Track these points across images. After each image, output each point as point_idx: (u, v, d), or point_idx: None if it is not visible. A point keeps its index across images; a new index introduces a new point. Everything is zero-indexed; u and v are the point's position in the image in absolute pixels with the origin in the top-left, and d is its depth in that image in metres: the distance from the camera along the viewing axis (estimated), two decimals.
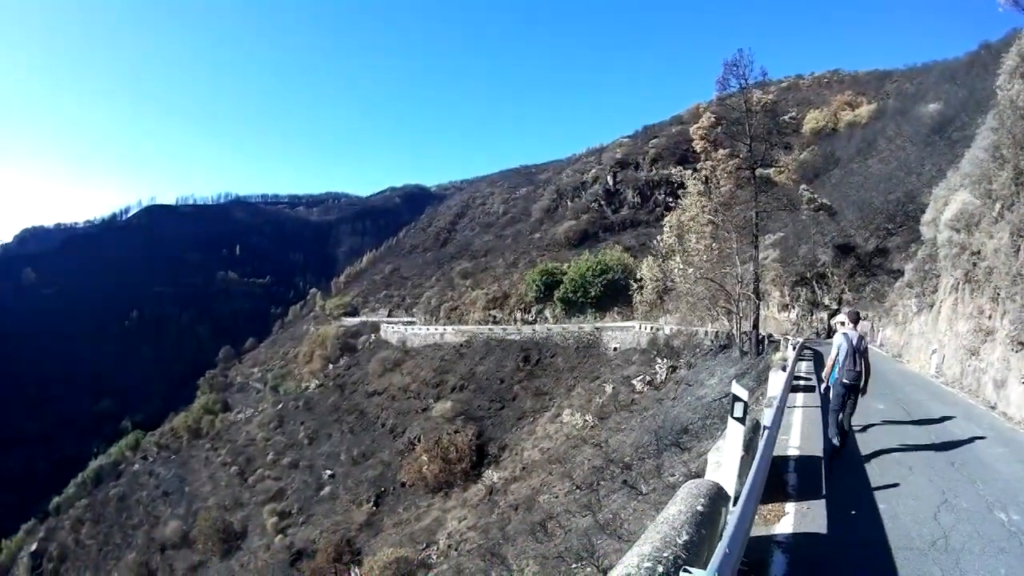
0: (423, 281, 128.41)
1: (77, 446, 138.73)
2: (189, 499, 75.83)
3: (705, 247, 37.58)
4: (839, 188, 63.46)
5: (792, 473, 10.97)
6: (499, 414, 57.63)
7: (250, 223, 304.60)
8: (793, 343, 29.47)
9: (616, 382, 49.09)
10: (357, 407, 75.67)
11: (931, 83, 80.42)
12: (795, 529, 8.48)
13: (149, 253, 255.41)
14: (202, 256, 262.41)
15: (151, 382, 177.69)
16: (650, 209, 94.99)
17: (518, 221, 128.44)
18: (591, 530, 15.56)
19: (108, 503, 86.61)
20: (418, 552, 36.15)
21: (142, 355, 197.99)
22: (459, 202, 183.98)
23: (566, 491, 27.99)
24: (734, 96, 36.42)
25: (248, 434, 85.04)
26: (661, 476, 17.93)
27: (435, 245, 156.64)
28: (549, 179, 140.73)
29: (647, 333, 55.30)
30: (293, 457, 71.87)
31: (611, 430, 35.41)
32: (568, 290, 73.41)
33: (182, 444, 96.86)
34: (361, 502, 53.70)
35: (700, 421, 23.60)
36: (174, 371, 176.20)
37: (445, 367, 72.18)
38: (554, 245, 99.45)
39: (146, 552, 69.35)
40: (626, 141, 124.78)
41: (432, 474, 49.18)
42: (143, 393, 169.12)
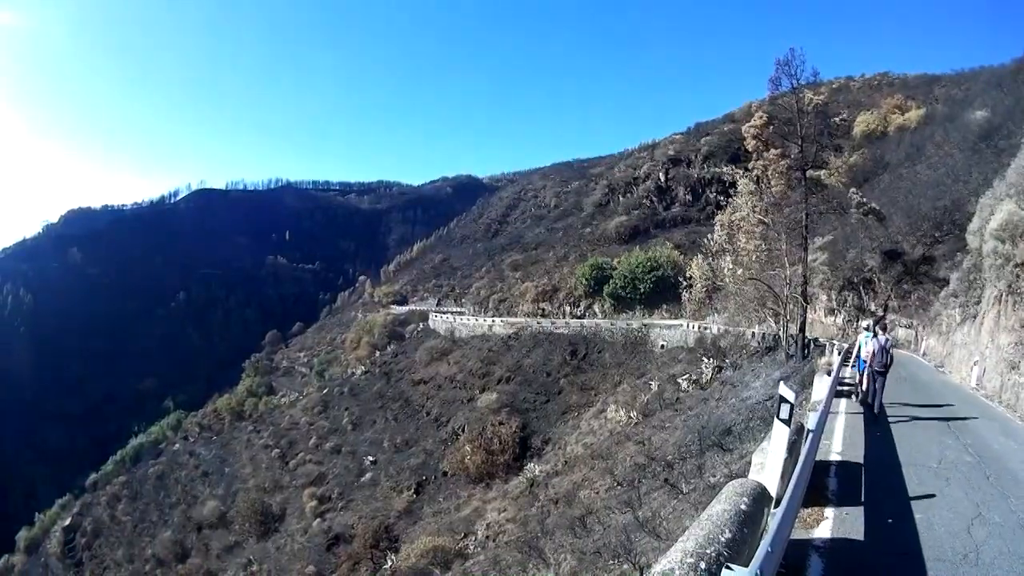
0: (473, 272, 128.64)
1: (117, 424, 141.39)
2: (228, 480, 77.00)
3: (755, 247, 37.23)
4: (888, 193, 62.33)
5: (832, 478, 11.08)
6: (544, 407, 57.58)
7: (300, 209, 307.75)
8: (838, 348, 29.38)
9: (662, 380, 48.74)
10: (402, 395, 76.02)
11: (978, 89, 78.76)
12: (833, 534, 8.54)
13: (197, 236, 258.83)
14: (251, 240, 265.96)
15: (196, 364, 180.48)
16: (701, 207, 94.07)
17: (570, 215, 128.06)
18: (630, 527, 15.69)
19: (146, 481, 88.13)
20: (456, 541, 36.12)
21: (188, 337, 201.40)
22: (511, 194, 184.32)
23: (607, 487, 27.91)
24: (786, 96, 36.02)
25: (292, 418, 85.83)
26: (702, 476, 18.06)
27: (486, 236, 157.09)
28: (601, 173, 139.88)
29: (695, 332, 54.87)
30: (336, 442, 72.43)
31: (655, 428, 35.09)
32: (618, 285, 73.06)
33: (224, 425, 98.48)
34: (402, 489, 54.07)
35: (743, 423, 23.33)
36: (219, 353, 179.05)
37: (492, 358, 72.10)
38: (605, 240, 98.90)
39: (182, 531, 70.61)
40: (678, 138, 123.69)
41: (474, 465, 49.41)
42: (187, 374, 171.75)
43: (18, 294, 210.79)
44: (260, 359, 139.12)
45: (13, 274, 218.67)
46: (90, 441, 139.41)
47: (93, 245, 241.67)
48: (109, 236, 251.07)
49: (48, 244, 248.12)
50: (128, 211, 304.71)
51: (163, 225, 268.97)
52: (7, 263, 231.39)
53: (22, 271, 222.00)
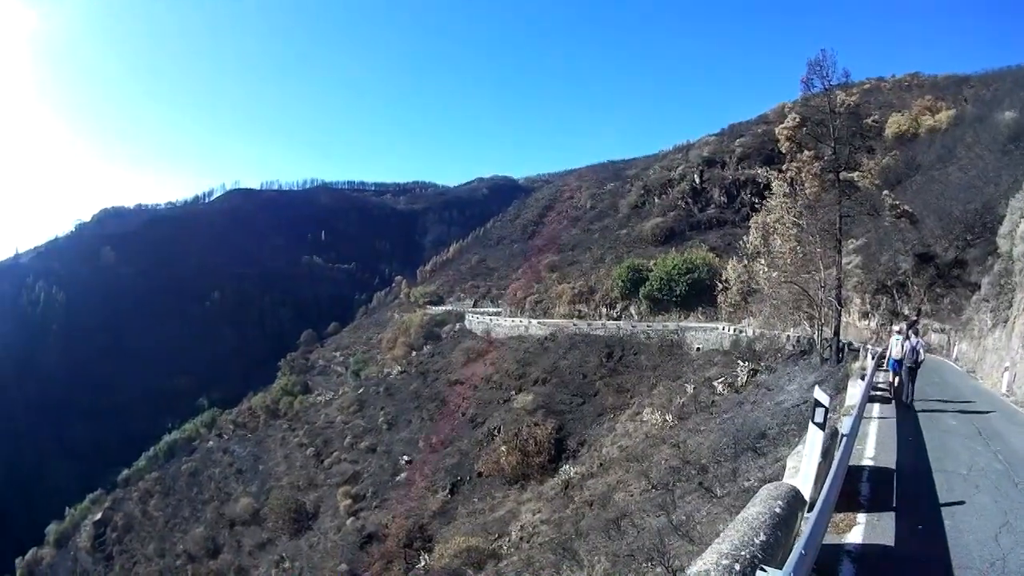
0: (509, 272, 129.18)
1: (150, 422, 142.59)
2: (262, 477, 77.73)
3: (790, 250, 37.10)
4: (920, 195, 61.64)
5: (865, 483, 11.18)
6: (580, 409, 57.50)
7: (335, 209, 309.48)
8: (872, 352, 29.15)
9: (697, 383, 48.58)
10: (438, 395, 76.22)
11: (1006, 89, 77.91)
12: (865, 540, 8.61)
13: (232, 236, 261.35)
14: (286, 240, 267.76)
15: (230, 362, 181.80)
16: (736, 209, 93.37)
17: (605, 216, 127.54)
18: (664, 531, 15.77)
19: (179, 477, 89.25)
20: (490, 542, 36.30)
21: (222, 335, 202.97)
22: (547, 195, 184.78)
23: (642, 490, 27.90)
24: (818, 97, 35.90)
25: (327, 417, 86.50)
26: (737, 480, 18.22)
27: (522, 237, 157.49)
28: (637, 175, 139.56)
29: (730, 335, 54.63)
30: (371, 441, 72.93)
31: (690, 431, 35.01)
32: (654, 287, 72.88)
33: (259, 423, 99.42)
34: (436, 489, 54.25)
35: (778, 427, 23.40)
36: (254, 352, 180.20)
37: (528, 359, 72.14)
38: (641, 241, 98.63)
39: (214, 527, 71.40)
40: (712, 139, 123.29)
41: (510, 465, 49.46)
42: (221, 373, 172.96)
43: (50, 292, 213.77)
44: (296, 358, 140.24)
45: (45, 272, 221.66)
46: (122, 438, 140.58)
47: (126, 244, 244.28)
48: (142, 235, 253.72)
49: (81, 243, 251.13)
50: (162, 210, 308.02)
51: (197, 225, 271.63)
52: (39, 262, 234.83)
53: (54, 269, 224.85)
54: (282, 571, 54.80)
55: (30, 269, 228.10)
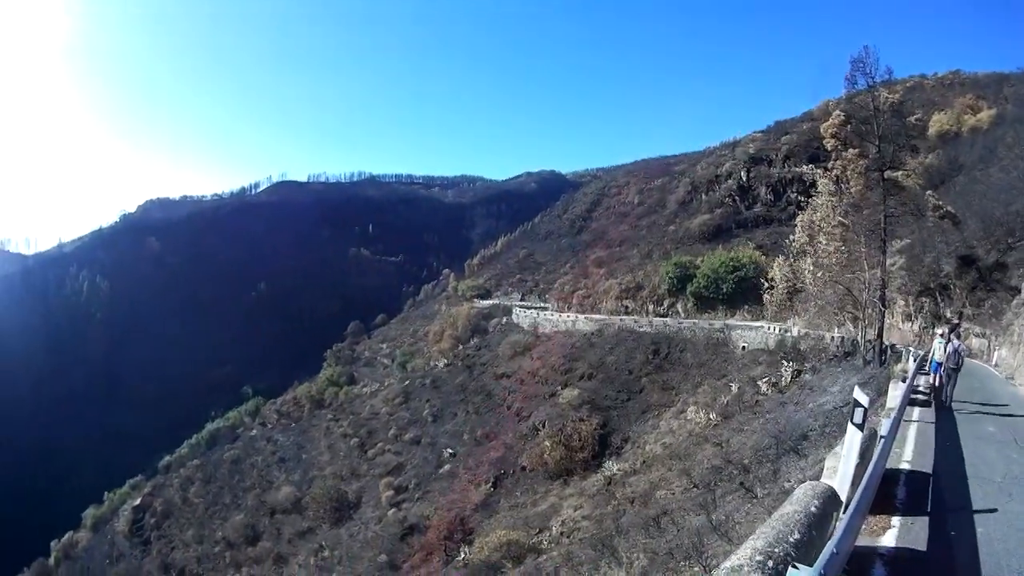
0: (557, 267, 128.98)
1: (192, 410, 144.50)
2: (305, 467, 78.39)
3: (835, 249, 36.47)
4: (963, 196, 60.65)
5: (901, 487, 11.14)
6: (625, 405, 57.01)
7: (383, 202, 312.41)
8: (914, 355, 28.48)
9: (742, 382, 47.94)
10: (484, 388, 76.20)
11: None
12: (897, 543, 8.58)
13: (279, 227, 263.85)
14: (333, 232, 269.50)
15: (275, 353, 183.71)
16: (782, 207, 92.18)
17: (653, 212, 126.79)
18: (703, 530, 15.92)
19: (221, 465, 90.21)
20: (530, 536, 36.14)
21: (268, 326, 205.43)
22: (595, 190, 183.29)
23: (683, 488, 27.89)
24: (862, 94, 35.21)
25: (372, 408, 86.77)
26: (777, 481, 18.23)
27: (570, 232, 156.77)
28: (684, 171, 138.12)
29: (775, 334, 53.81)
30: (415, 433, 73.10)
31: (733, 430, 34.68)
32: (700, 285, 72.30)
33: (303, 413, 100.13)
34: (479, 482, 54.05)
35: (820, 428, 23.22)
36: (299, 343, 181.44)
37: (575, 354, 71.77)
38: (688, 238, 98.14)
39: (254, 515, 72.11)
40: (759, 136, 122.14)
41: (553, 460, 49.31)
42: (266, 363, 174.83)
43: (94, 281, 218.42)
44: (342, 349, 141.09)
45: (89, 262, 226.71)
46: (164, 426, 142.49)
47: (171, 235, 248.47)
48: (188, 226, 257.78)
49: (125, 233, 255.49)
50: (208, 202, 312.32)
51: (243, 216, 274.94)
52: (83, 252, 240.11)
53: (98, 259, 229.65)
54: (321, 560, 55.03)
55: (73, 259, 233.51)
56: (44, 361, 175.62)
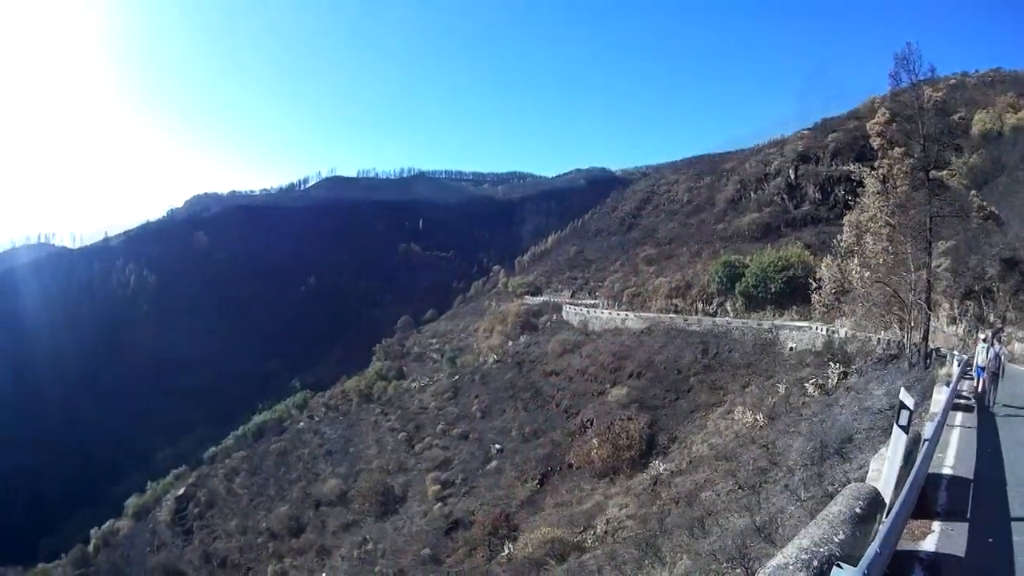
0: (607, 265, 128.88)
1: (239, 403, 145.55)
2: (352, 460, 78.96)
3: (882, 250, 35.83)
4: (1006, 196, 59.65)
5: (943, 492, 11.20)
6: (673, 405, 56.52)
7: (433, 198, 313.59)
8: (958, 359, 28.47)
9: (789, 383, 47.31)
10: (533, 385, 76.22)
11: None
12: (937, 548, 8.66)
13: (329, 223, 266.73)
14: (384, 228, 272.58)
15: (323, 347, 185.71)
16: (830, 206, 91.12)
17: (702, 210, 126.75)
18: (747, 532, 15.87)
19: (267, 457, 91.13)
20: (574, 534, 36.18)
21: (317, 321, 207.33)
22: (644, 187, 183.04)
23: (728, 490, 27.51)
24: (906, 92, 34.53)
25: (421, 402, 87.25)
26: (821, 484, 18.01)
27: (620, 230, 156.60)
28: (733, 168, 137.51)
29: (823, 335, 52.98)
30: (463, 429, 73.32)
31: (780, 432, 34.32)
32: (749, 284, 71.54)
33: (351, 406, 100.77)
34: (526, 479, 54.15)
35: (864, 432, 22.83)
36: (349, 338, 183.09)
37: (624, 352, 71.37)
38: (737, 237, 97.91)
39: (299, 506, 72.67)
40: (807, 134, 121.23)
41: (600, 459, 49.02)
42: (315, 357, 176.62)
43: (141, 274, 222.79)
44: (391, 344, 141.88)
45: (136, 255, 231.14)
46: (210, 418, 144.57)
47: (220, 229, 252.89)
48: (236, 221, 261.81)
49: (173, 227, 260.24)
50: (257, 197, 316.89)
51: (293, 211, 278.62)
52: (130, 245, 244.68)
53: (145, 252, 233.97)
54: (364, 553, 55.30)
55: (120, 252, 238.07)
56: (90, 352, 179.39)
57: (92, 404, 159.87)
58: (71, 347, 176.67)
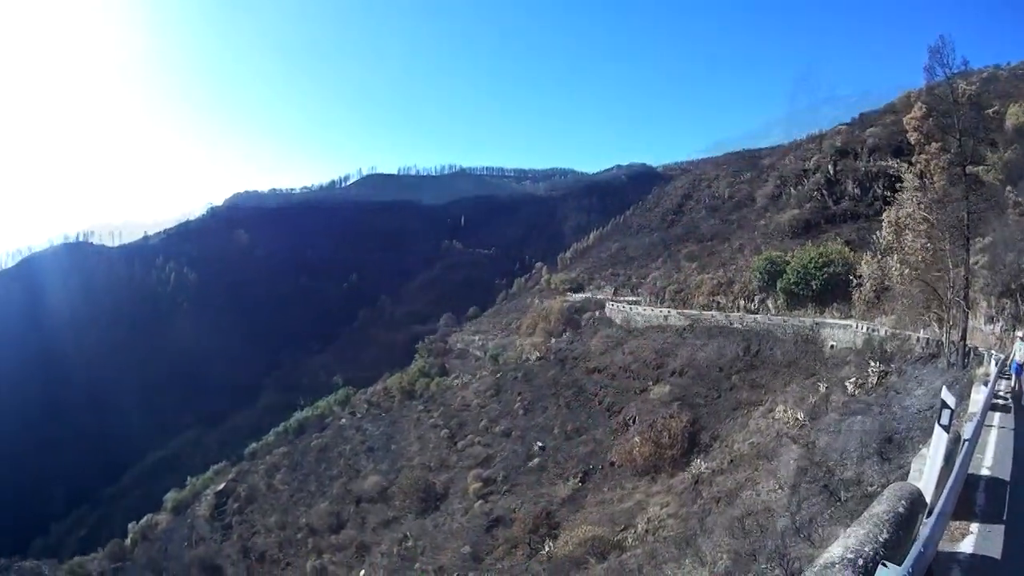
0: (649, 261, 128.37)
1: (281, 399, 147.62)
2: (393, 456, 79.33)
3: (921, 247, 35.15)
4: None
5: (981, 492, 11.15)
6: (715, 403, 56.28)
7: (475, 194, 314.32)
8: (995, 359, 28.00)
9: (830, 382, 46.88)
10: (576, 382, 76.12)
11: None
12: (974, 550, 8.63)
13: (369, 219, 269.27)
14: (425, 225, 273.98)
15: (366, 343, 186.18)
16: (869, 202, 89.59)
17: (743, 206, 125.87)
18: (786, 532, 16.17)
19: (308, 453, 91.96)
20: (615, 533, 36.37)
21: (359, 317, 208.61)
22: (685, 183, 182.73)
23: (769, 489, 27.94)
24: (941, 86, 33.85)
25: (463, 399, 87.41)
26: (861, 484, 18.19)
27: (662, 226, 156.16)
28: (772, 164, 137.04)
29: (863, 333, 52.22)
30: (506, 426, 73.40)
31: (820, 431, 34.12)
32: (790, 281, 70.62)
33: (394, 403, 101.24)
34: (568, 477, 54.19)
35: (904, 432, 22.92)
36: (391, 335, 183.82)
37: (667, 350, 71.24)
38: (777, 233, 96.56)
39: (340, 503, 73.15)
40: (844, 129, 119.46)
41: (642, 457, 48.98)
42: (357, 353, 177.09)
43: (181, 271, 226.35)
44: (434, 340, 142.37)
45: (177, 253, 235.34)
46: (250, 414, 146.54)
47: (260, 226, 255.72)
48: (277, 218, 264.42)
49: (213, 225, 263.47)
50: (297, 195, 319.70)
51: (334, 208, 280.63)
52: (170, 243, 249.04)
53: (186, 250, 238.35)
54: (404, 549, 55.54)
55: (160, 250, 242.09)
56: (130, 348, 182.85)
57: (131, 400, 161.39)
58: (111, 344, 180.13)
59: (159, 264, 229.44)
